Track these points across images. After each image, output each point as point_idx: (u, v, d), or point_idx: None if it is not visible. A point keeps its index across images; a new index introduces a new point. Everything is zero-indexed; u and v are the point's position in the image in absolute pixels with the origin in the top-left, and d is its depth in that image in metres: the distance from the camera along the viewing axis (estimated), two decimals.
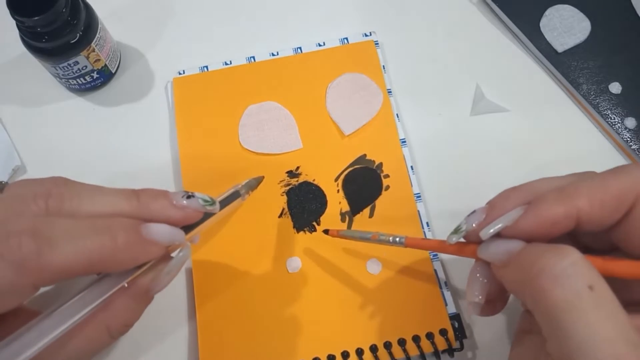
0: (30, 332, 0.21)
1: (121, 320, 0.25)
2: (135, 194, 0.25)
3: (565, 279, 0.19)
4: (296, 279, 0.34)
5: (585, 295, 0.19)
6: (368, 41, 0.41)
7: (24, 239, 0.21)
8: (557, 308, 0.19)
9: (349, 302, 0.34)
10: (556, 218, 0.21)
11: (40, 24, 0.33)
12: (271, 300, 0.34)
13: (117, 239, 0.22)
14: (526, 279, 0.21)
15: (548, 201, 0.22)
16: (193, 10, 0.44)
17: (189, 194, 0.26)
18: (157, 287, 0.26)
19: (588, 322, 0.18)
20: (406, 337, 0.32)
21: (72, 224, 0.22)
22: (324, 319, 0.33)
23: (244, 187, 0.32)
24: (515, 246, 0.22)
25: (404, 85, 0.41)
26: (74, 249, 0.21)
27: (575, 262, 0.20)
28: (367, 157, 0.38)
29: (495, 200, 0.24)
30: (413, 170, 0.37)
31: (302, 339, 0.33)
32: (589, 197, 0.21)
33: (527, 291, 0.21)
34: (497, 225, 0.23)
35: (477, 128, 0.39)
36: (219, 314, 0.33)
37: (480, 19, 0.43)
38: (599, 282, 0.19)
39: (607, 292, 0.19)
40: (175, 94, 0.39)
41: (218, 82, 0.40)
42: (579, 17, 0.41)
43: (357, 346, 0.32)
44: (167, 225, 0.24)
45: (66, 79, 0.38)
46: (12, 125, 0.40)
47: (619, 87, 0.39)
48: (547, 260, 0.20)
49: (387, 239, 0.30)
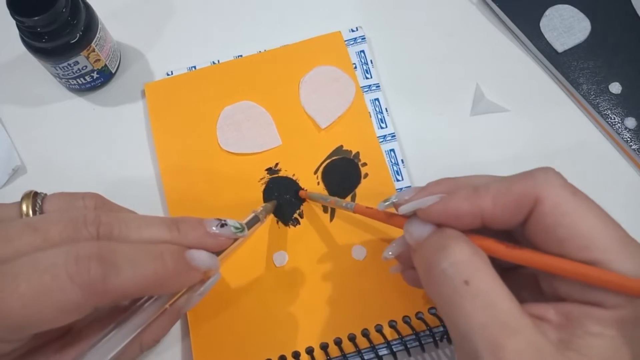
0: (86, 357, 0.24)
1: (153, 337, 0.27)
2: (174, 223, 0.26)
3: (445, 279, 0.22)
4: (284, 272, 0.35)
5: (462, 290, 0.21)
6: (335, 33, 0.41)
7: (93, 264, 0.22)
8: (443, 303, 0.22)
9: (338, 290, 0.34)
10: (460, 213, 0.23)
11: (40, 24, 0.33)
12: (261, 295, 0.34)
13: (168, 266, 0.24)
14: (423, 272, 0.24)
15: (459, 196, 0.23)
16: (193, 10, 0.44)
17: (223, 222, 0.27)
18: (187, 308, 0.27)
19: (465, 313, 0.21)
20: (396, 318, 0.33)
21: (132, 250, 0.24)
22: (315, 308, 0.34)
23: (262, 211, 0.33)
24: (424, 232, 0.24)
25: (401, 83, 0.41)
26: (133, 274, 0.23)
27: (454, 262, 0.22)
28: (344, 148, 0.38)
29: (429, 184, 0.26)
30: (404, 163, 0.38)
31: (295, 330, 0.33)
32: (494, 198, 0.22)
33: (424, 283, 0.24)
34: (412, 205, 0.25)
35: (477, 128, 0.39)
36: (210, 314, 0.34)
37: (480, 19, 0.43)
38: (475, 277, 0.21)
39: (483, 285, 0.21)
40: (148, 100, 0.39)
41: (190, 85, 0.40)
42: (579, 17, 0.41)
43: (349, 332, 0.33)
44: (206, 252, 0.26)
45: (66, 79, 0.38)
46: (12, 125, 0.40)
47: (619, 87, 0.39)
48: (434, 259, 0.23)
49: (341, 204, 0.33)
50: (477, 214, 0.23)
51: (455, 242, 0.23)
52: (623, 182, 0.38)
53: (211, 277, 0.28)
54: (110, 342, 0.24)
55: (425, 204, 0.24)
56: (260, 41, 0.42)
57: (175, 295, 0.26)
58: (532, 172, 0.23)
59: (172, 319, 0.27)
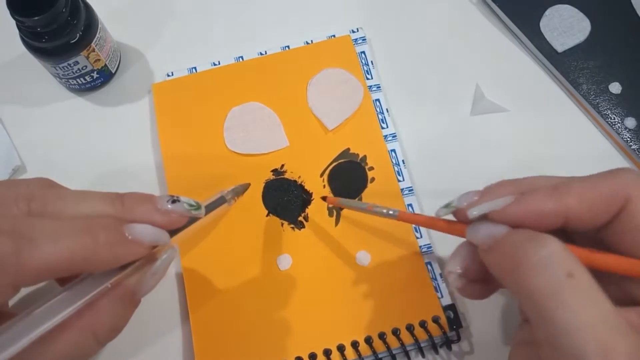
0: (7, 332, 0.21)
1: (108, 326, 0.24)
2: (119, 198, 0.25)
3: (544, 268, 0.20)
4: (287, 276, 0.34)
5: (565, 283, 0.19)
6: (345, 36, 0.41)
7: (2, 239, 0.21)
8: (539, 295, 0.20)
9: (341, 295, 0.34)
10: (544, 211, 0.22)
11: (40, 24, 0.33)
12: (264, 298, 0.34)
13: (99, 238, 0.22)
14: (508, 267, 0.21)
15: (539, 194, 0.22)
16: (193, 10, 0.44)
17: (174, 198, 0.25)
18: (143, 290, 0.25)
19: (569, 308, 0.19)
20: (400, 326, 0.33)
21: (53, 224, 0.22)
22: (318, 313, 0.33)
23: (230, 192, 0.32)
24: (499, 231, 0.23)
25: (402, 84, 0.41)
26: (54, 248, 0.21)
27: (553, 252, 0.20)
28: (351, 151, 0.38)
29: (491, 186, 0.25)
30: (404, 163, 0.37)
31: (297, 335, 0.33)
32: (580, 196, 0.22)
33: (509, 278, 0.22)
34: (485, 207, 0.23)
35: (477, 128, 0.39)
36: (212, 317, 0.33)
37: (480, 19, 0.43)
38: (579, 270, 0.20)
39: (587, 279, 0.20)
40: (155, 100, 0.39)
41: (197, 86, 0.40)
42: (579, 17, 0.41)
43: (352, 338, 0.33)
44: (150, 225, 0.24)
45: (66, 79, 0.38)
46: (12, 125, 0.40)
47: (619, 87, 0.39)
48: (526, 249, 0.21)
49: (382, 210, 0.31)
50: (561, 213, 0.22)
51: (546, 235, 0.21)
52: None
53: (163, 255, 0.26)
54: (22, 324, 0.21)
55: (500, 204, 0.23)
56: (260, 42, 0.42)
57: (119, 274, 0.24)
58: (614, 171, 0.22)
59: (127, 305, 0.25)
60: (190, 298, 0.34)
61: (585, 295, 0.19)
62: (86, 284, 0.24)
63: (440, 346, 0.33)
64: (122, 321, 0.25)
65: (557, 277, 0.20)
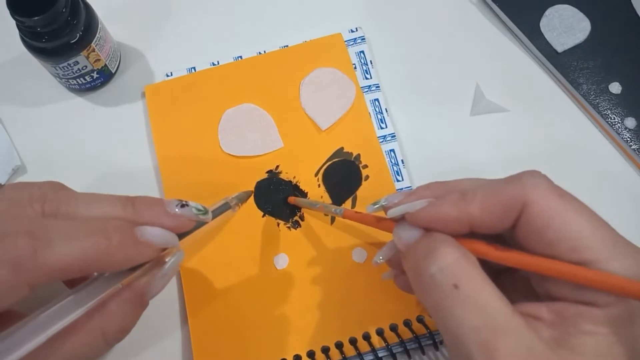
0: (18, 333, 0.21)
1: (117, 326, 0.25)
2: (130, 201, 0.25)
3: (434, 284, 0.22)
4: (285, 275, 0.35)
5: (451, 295, 0.21)
6: (336, 34, 0.41)
7: (20, 239, 0.21)
8: (434, 309, 0.22)
9: (338, 293, 0.34)
10: (447, 219, 0.23)
11: (40, 24, 0.33)
12: (262, 298, 0.34)
13: (112, 240, 0.23)
14: (412, 278, 0.24)
15: (446, 202, 0.23)
16: (194, 11, 0.44)
17: (184, 202, 0.26)
18: (152, 292, 0.26)
19: (455, 317, 0.21)
20: (397, 321, 0.33)
21: (68, 225, 0.23)
22: (316, 311, 0.34)
23: (234, 199, 0.32)
24: (412, 235, 0.24)
25: (401, 83, 0.41)
26: (69, 249, 0.22)
27: (443, 267, 0.22)
28: (344, 150, 0.38)
29: (418, 188, 0.26)
30: (404, 163, 0.38)
31: (296, 333, 0.33)
32: (482, 204, 0.22)
33: (415, 289, 0.24)
34: (401, 209, 0.25)
35: (477, 128, 0.39)
36: (210, 316, 0.34)
37: (480, 19, 0.43)
38: (464, 281, 0.21)
39: (472, 288, 0.21)
40: (148, 102, 0.39)
41: (191, 87, 0.40)
42: (579, 17, 0.41)
43: (349, 335, 0.33)
44: (161, 229, 0.25)
45: (66, 79, 0.38)
46: (12, 125, 0.40)
47: (619, 87, 0.39)
48: (421, 266, 0.23)
49: (330, 209, 0.32)
50: (464, 220, 0.23)
51: (444, 246, 0.23)
52: (623, 182, 0.38)
53: (172, 257, 0.26)
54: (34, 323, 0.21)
55: (414, 208, 0.24)
56: (260, 42, 0.42)
57: (129, 275, 0.25)
58: (518, 175, 0.23)
59: (136, 307, 0.26)
60: (188, 298, 0.34)
61: (469, 303, 0.21)
62: (96, 286, 0.24)
63: (441, 342, 0.33)
64: (131, 322, 0.26)
65: (444, 291, 0.21)
